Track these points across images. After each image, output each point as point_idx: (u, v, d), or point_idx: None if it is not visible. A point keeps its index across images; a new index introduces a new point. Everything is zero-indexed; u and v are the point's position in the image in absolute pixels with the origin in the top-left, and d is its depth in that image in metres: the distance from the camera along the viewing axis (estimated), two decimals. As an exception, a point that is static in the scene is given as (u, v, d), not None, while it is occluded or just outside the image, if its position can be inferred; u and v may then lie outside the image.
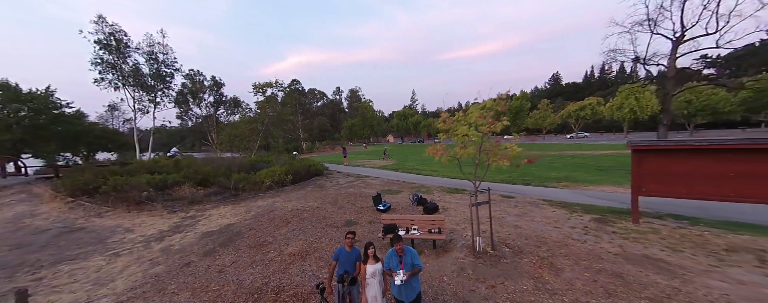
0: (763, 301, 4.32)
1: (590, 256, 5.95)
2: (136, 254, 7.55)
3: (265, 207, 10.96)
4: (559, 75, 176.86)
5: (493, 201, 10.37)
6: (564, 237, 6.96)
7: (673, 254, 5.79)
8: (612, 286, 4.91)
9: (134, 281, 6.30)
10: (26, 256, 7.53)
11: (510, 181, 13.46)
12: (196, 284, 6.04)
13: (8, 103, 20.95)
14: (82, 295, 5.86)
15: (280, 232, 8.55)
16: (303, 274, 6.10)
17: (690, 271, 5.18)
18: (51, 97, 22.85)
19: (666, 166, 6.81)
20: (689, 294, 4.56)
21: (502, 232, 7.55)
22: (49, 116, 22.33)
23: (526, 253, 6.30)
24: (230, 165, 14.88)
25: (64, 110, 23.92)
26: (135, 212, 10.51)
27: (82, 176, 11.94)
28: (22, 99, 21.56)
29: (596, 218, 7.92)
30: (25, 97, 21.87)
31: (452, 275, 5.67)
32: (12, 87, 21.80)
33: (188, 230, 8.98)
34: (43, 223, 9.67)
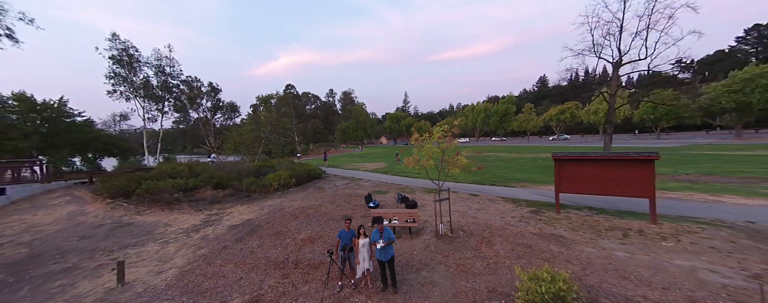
0: (611, 257, 6.87)
1: (516, 235, 8.47)
2: (181, 242, 9.78)
3: (275, 206, 13.25)
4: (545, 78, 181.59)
5: (461, 199, 12.94)
6: (504, 224, 9.48)
7: (571, 233, 8.35)
8: (523, 252, 7.42)
9: (187, 259, 8.56)
10: (96, 244, 9.69)
11: (481, 183, 16.00)
12: (235, 260, 8.35)
13: (27, 113, 22.61)
14: (153, 268, 8.11)
15: (291, 224, 10.86)
16: (313, 253, 8.45)
17: (576, 243, 7.74)
18: (64, 107, 24.53)
19: (576, 171, 9.41)
20: (568, 255, 7.09)
21: (461, 221, 10.03)
22: (63, 125, 24.01)
23: (474, 235, 8.78)
24: (240, 170, 17.07)
25: (75, 119, 25.60)
26: (167, 211, 12.67)
27: (117, 181, 13.99)
28: (38, 109, 23.23)
29: (532, 210, 10.49)
30: (41, 107, 23.53)
31: (420, 250, 8.11)
32: (28, 98, 23.43)
33: (217, 224, 11.23)
34: (94, 220, 11.75)
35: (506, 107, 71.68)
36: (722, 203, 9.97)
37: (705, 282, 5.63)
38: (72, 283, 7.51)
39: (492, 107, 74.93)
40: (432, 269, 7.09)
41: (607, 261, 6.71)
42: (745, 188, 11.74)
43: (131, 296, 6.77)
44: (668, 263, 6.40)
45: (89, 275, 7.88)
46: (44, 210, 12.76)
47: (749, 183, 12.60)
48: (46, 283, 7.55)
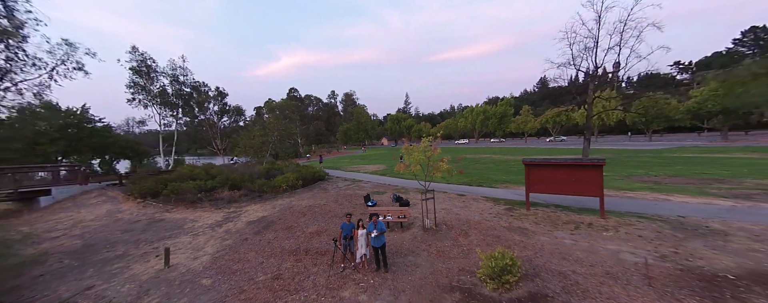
0: (559, 244, 8.55)
1: (489, 228, 10.17)
2: (208, 235, 11.56)
3: (285, 204, 15.01)
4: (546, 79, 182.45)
5: (449, 198, 14.63)
6: (481, 219, 11.18)
7: (534, 226, 10.05)
8: (492, 241, 9.12)
9: (216, 248, 10.33)
10: (137, 236, 11.50)
11: (469, 184, 17.68)
12: (256, 249, 10.10)
13: (53, 120, 24.57)
14: (189, 255, 9.88)
15: (300, 220, 12.61)
16: (320, 243, 10.19)
17: (536, 233, 9.43)
18: (87, 113, 26.48)
19: (542, 174, 11.10)
20: (527, 243, 8.79)
21: (446, 217, 11.74)
22: (86, 131, 25.94)
23: (455, 228, 10.49)
24: (252, 173, 18.84)
25: (95, 125, 27.54)
26: (191, 209, 14.45)
27: (145, 183, 15.82)
28: (63, 116, 25.19)
29: (507, 208, 12.18)
30: (66, 114, 25.50)
31: (408, 240, 9.83)
32: (53, 106, 25.39)
33: (236, 220, 13.00)
34: (130, 217, 13.56)
35: (504, 109, 73.25)
36: (669, 201, 11.63)
37: (623, 261, 7.33)
38: (127, 266, 9.30)
39: (490, 109, 76.52)
40: (417, 255, 8.81)
41: (555, 247, 8.40)
42: (697, 189, 13.37)
43: (177, 275, 8.55)
44: (601, 248, 8.09)
45: (139, 260, 9.67)
46: (86, 208, 14.59)
47: (704, 184, 14.23)
48: (105, 267, 9.35)
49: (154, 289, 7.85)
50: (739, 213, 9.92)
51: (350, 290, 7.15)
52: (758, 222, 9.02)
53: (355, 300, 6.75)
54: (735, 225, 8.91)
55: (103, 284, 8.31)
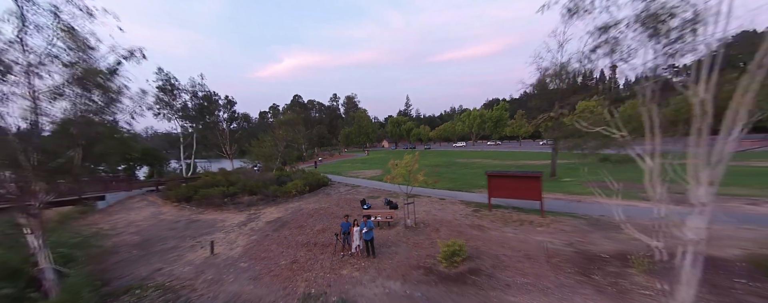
0: (503, 236, 11.51)
1: (456, 226, 13.16)
2: (237, 232, 14.65)
3: (295, 208, 18.07)
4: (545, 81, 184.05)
5: (432, 202, 17.59)
6: (452, 219, 14.17)
7: (490, 223, 13.03)
8: (455, 235, 12.09)
9: (246, 242, 13.39)
10: (181, 233, 14.61)
11: (451, 189, 20.65)
12: (276, 242, 13.15)
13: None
14: (226, 247, 12.95)
15: (309, 220, 15.65)
16: (325, 238, 13.19)
17: (489, 229, 12.41)
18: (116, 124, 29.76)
19: (500, 183, 14.09)
20: (480, 236, 11.77)
21: (425, 217, 14.73)
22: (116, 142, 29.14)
23: (430, 226, 13.48)
24: (265, 179, 21.92)
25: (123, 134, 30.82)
26: (219, 211, 17.55)
27: (179, 190, 18.97)
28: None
29: (475, 209, 15.17)
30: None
31: (393, 235, 12.83)
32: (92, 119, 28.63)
33: (257, 220, 16.08)
34: (171, 218, 16.68)
35: (500, 113, 76.13)
36: (599, 203, 14.54)
37: (541, 247, 10.29)
38: (181, 255, 12.39)
39: (487, 113, 79.38)
40: (397, 246, 11.83)
41: (499, 238, 11.39)
42: (632, 193, 16.24)
43: (221, 261, 11.62)
44: (531, 239, 11.06)
45: (188, 251, 12.76)
46: (134, 211, 17.70)
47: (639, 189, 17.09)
48: (165, 255, 12.45)
49: (207, 270, 10.92)
50: (642, 212, 12.84)
51: (347, 270, 10.17)
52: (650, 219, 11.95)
53: (350, 276, 9.77)
54: (633, 221, 11.84)
55: (168, 267, 11.40)
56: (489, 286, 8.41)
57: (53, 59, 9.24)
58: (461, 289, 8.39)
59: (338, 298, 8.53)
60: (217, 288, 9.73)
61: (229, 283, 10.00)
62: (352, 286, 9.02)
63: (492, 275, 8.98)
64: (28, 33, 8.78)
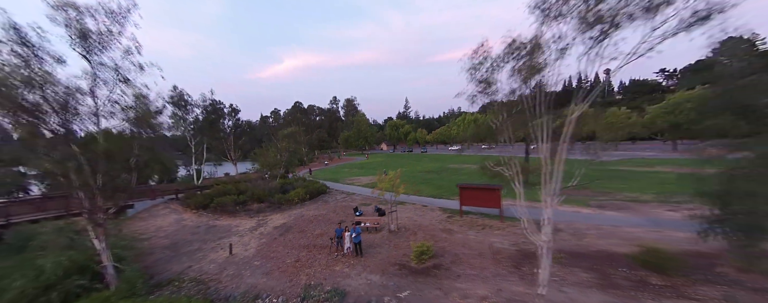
0: (466, 238, 14.26)
1: (431, 230, 15.91)
2: (249, 236, 17.42)
3: (298, 214, 20.84)
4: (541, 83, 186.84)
5: (415, 208, 20.30)
6: (429, 224, 16.92)
7: (458, 227, 15.78)
8: (428, 238, 14.85)
9: (257, 244, 16.17)
10: (202, 237, 17.39)
11: (434, 196, 23.37)
12: (283, 244, 15.92)
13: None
14: (241, 248, 15.73)
15: (309, 226, 18.41)
16: (323, 241, 15.94)
17: (456, 232, 15.17)
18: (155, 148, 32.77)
19: (469, 193, 16.84)
20: (447, 238, 14.52)
21: (407, 223, 17.47)
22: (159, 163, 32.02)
23: (410, 230, 16.24)
24: (271, 188, 24.69)
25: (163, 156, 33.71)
26: (232, 218, 20.32)
27: (197, 198, 21.76)
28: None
29: (449, 215, 17.92)
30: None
31: (378, 238, 15.60)
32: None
33: (265, 226, 18.85)
34: (192, 224, 19.46)
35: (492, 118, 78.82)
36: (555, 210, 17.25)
37: (492, 246, 13.05)
38: (205, 255, 15.17)
39: (481, 117, 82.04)
40: (381, 247, 14.59)
41: (462, 240, 14.15)
42: (583, 200, 19.00)
43: (238, 260, 14.39)
44: (487, 240, 13.81)
45: (211, 251, 15.54)
46: (159, 218, 20.46)
47: (593, 196, 19.86)
48: (192, 255, 15.23)
49: (228, 267, 13.70)
50: (583, 217, 15.60)
51: (339, 267, 12.93)
52: (586, 222, 14.72)
53: (341, 271, 12.53)
54: (573, 225, 14.62)
55: (196, 265, 14.18)
56: (445, 277, 11.18)
57: (114, 104, 12.07)
58: (424, 280, 11.15)
59: (331, 288, 11.28)
60: (238, 281, 12.50)
61: (247, 277, 12.77)
62: (342, 279, 11.78)
63: (449, 269, 11.74)
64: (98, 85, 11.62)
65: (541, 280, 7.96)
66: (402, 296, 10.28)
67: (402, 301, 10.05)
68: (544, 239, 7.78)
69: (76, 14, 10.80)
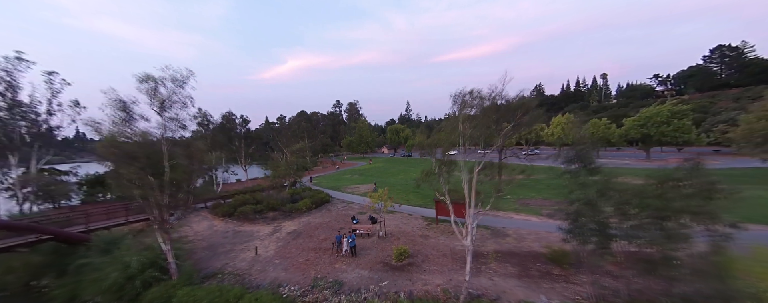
0: (437, 242, 18.57)
1: (411, 235, 20.25)
2: (268, 240, 21.90)
3: (306, 222, 25.26)
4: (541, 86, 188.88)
5: (402, 217, 24.72)
6: (411, 230, 21.25)
7: (433, 233, 20.10)
8: (408, 242, 19.19)
9: (276, 246, 20.64)
10: (232, 240, 21.91)
11: (421, 206, 27.66)
12: (295, 246, 20.37)
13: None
14: (264, 250, 20.20)
15: (316, 232, 22.82)
16: (326, 244, 20.31)
17: (431, 238, 19.50)
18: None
19: (442, 206, 21.17)
20: (423, 242, 18.86)
21: (393, 229, 21.81)
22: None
23: (395, 236, 20.59)
24: (283, 198, 29.14)
25: None
26: (252, 224, 24.79)
27: (223, 208, 26.28)
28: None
29: (428, 223, 22.23)
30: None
31: (370, 243, 19.98)
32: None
33: (280, 232, 23.30)
34: (221, 229, 23.98)
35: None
36: (512, 219, 21.53)
37: (454, 248, 17.35)
38: (236, 255, 19.65)
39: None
40: (371, 250, 18.96)
41: (434, 244, 18.46)
42: (537, 210, 23.17)
43: (262, 259, 18.85)
44: (452, 244, 18.11)
45: (240, 252, 20.01)
46: (195, 225, 24.97)
47: (547, 206, 24.00)
48: (227, 255, 19.71)
49: (256, 264, 18.16)
50: (530, 224, 19.81)
51: (339, 264, 17.31)
52: (530, 229, 18.97)
53: (340, 268, 16.90)
54: (519, 231, 18.87)
55: (231, 262, 18.67)
56: (415, 271, 15.52)
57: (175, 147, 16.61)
58: (400, 274, 15.50)
59: (333, 279, 15.67)
60: (264, 274, 16.94)
61: (270, 271, 17.22)
62: (341, 273, 16.16)
63: (419, 265, 16.09)
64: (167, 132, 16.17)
65: (467, 271, 12.26)
66: (382, 285, 14.65)
67: (382, 288, 14.42)
68: (467, 244, 12.07)
69: (153, 84, 15.37)
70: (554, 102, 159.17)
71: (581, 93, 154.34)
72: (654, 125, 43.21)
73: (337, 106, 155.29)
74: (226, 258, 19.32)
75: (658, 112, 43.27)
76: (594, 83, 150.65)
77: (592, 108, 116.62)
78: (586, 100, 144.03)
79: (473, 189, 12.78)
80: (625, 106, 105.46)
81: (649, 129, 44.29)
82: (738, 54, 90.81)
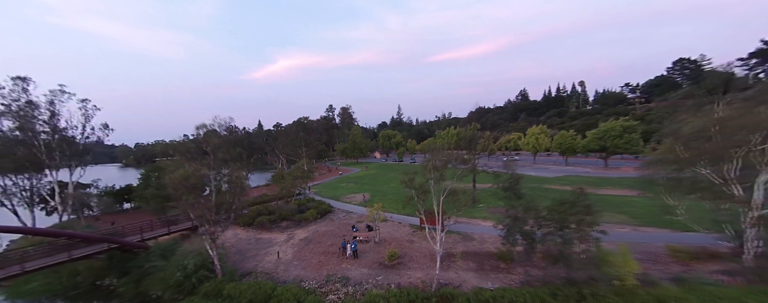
0: (422, 246, 24.12)
1: (399, 240, 25.76)
2: (285, 245, 27.07)
3: (313, 230, 30.47)
4: (526, 92, 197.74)
5: (394, 225, 30.36)
6: (399, 236, 26.77)
7: (418, 239, 25.67)
8: (397, 246, 24.70)
9: (293, 251, 25.85)
10: (256, 245, 26.96)
11: (409, 214, 33.15)
12: (308, 250, 25.63)
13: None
14: (284, 255, 25.42)
15: (323, 238, 28.07)
16: (333, 249, 25.63)
17: (416, 242, 25.06)
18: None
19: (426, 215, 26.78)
20: (409, 246, 24.40)
21: (386, 236, 27.27)
22: None
23: (387, 241, 26.06)
24: (292, 209, 34.17)
25: None
26: (269, 232, 29.82)
27: (243, 218, 31.23)
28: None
29: (414, 230, 27.79)
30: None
31: (368, 247, 25.40)
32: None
33: (294, 238, 28.47)
34: (245, 237, 28.93)
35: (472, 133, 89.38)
36: (480, 225, 27.28)
37: (432, 250, 22.94)
38: (262, 258, 24.78)
39: (463, 132, 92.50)
40: (369, 253, 24.39)
41: (418, 247, 24.03)
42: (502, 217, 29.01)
43: (283, 261, 24.06)
44: (430, 247, 23.69)
45: (265, 256, 25.13)
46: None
47: (513, 216, 29.86)
48: (254, 258, 24.80)
49: (279, 265, 23.37)
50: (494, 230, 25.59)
51: (345, 264, 22.67)
52: (492, 234, 24.74)
53: (346, 267, 22.26)
54: (483, 235, 24.61)
55: (260, 264, 23.80)
56: (402, 268, 21.03)
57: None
58: (391, 270, 20.98)
59: (342, 276, 21.01)
60: (288, 273, 22.17)
61: (292, 270, 22.45)
62: (347, 271, 21.52)
63: (406, 264, 21.60)
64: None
65: (437, 267, 17.79)
66: (378, 279, 20.10)
67: (378, 281, 19.86)
68: (437, 249, 17.60)
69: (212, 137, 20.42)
70: (536, 107, 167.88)
71: (561, 98, 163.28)
72: (610, 138, 50.04)
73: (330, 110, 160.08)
74: (255, 260, 24.45)
75: (613, 127, 50.14)
76: (573, 90, 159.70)
77: (570, 114, 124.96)
78: (566, 106, 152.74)
79: (441, 208, 18.24)
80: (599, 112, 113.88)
81: (606, 141, 51.10)
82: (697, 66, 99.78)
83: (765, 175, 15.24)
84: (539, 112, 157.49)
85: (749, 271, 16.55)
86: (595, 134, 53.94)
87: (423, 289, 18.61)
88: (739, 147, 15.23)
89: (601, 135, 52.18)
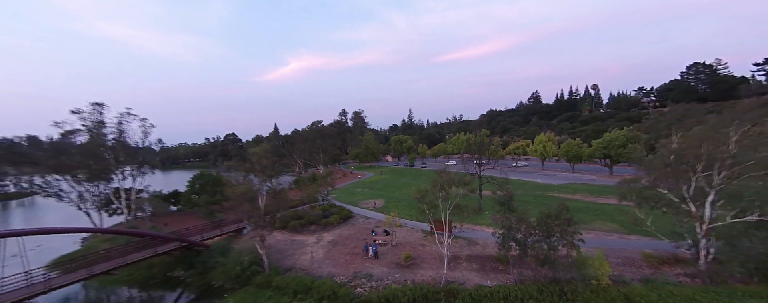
0: (430, 250, 28.45)
1: (413, 244, 30.17)
2: (316, 247, 31.93)
3: (338, 233, 35.22)
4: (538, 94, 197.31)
5: (408, 230, 34.94)
6: (414, 241, 31.17)
7: (429, 243, 30.02)
8: (411, 249, 29.10)
9: (323, 252, 30.67)
10: (292, 246, 31.96)
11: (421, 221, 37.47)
12: (336, 251, 30.38)
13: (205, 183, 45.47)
14: (316, 255, 30.29)
15: (347, 241, 32.76)
16: (357, 250, 30.30)
17: (427, 246, 29.43)
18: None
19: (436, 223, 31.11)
20: (422, 249, 28.81)
21: (402, 240, 31.72)
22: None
23: (402, 245, 30.51)
24: (318, 214, 39.07)
25: None
26: (300, 235, 34.74)
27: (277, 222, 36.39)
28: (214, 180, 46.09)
29: (425, 235, 32.12)
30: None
31: (386, 250, 29.91)
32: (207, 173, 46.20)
33: (322, 241, 33.28)
34: (281, 239, 33.97)
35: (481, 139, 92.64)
36: (482, 231, 31.35)
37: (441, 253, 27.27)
38: (298, 257, 29.68)
39: (472, 138, 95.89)
40: (387, 254, 28.94)
41: (429, 250, 28.41)
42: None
43: (316, 259, 28.87)
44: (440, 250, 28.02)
45: (300, 255, 30.00)
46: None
47: (513, 223, 33.77)
48: (291, 257, 29.73)
49: (314, 263, 28.18)
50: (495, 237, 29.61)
51: (368, 264, 27.25)
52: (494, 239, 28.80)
53: (369, 265, 26.84)
54: (486, 241, 28.72)
55: (297, 262, 28.71)
56: (415, 268, 25.45)
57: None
58: (406, 269, 25.42)
59: (365, 273, 25.59)
60: (321, 270, 26.93)
61: (325, 267, 27.20)
62: (370, 269, 26.07)
63: (418, 265, 26.00)
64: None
65: (445, 267, 22.11)
66: (396, 276, 24.58)
67: (396, 278, 24.33)
68: (444, 252, 21.91)
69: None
70: (548, 110, 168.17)
71: (574, 101, 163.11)
72: (613, 148, 52.78)
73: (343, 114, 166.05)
74: (292, 259, 29.40)
75: (617, 137, 52.89)
76: (586, 92, 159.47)
77: (582, 118, 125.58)
78: (579, 110, 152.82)
79: (448, 218, 22.49)
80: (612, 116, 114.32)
81: (610, 151, 53.78)
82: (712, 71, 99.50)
83: (712, 196, 18.83)
84: (551, 115, 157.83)
85: (704, 274, 20.11)
86: (599, 143, 56.72)
87: (433, 285, 22.93)
88: (689, 172, 18.91)
89: (605, 144, 54.93)
